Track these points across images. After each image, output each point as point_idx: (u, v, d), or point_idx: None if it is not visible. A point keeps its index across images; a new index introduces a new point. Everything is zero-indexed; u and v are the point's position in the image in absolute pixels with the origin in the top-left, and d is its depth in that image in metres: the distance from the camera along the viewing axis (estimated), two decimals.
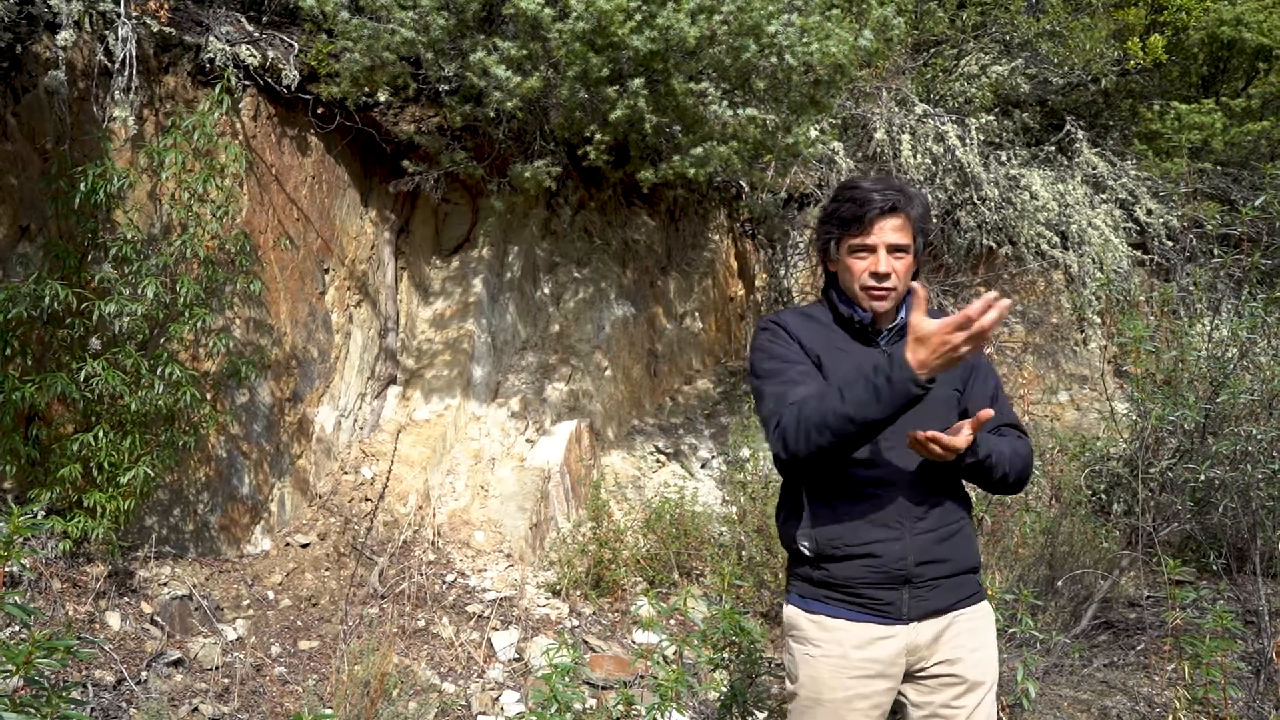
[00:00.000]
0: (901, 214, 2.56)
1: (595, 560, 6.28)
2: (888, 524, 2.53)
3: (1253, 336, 5.84)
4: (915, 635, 2.55)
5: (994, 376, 2.73)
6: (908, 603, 2.54)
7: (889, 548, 2.52)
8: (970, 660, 2.55)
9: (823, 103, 6.47)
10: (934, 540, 2.55)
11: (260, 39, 6.17)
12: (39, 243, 5.18)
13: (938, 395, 2.52)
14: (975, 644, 2.58)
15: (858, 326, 2.64)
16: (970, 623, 2.60)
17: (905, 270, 2.59)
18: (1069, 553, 6.07)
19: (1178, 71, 11.63)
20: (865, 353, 2.61)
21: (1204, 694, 4.00)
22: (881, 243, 2.55)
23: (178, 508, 5.63)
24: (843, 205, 2.59)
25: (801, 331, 2.66)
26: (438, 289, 7.46)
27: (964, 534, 2.62)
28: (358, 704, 4.34)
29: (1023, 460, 2.61)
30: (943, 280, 10.06)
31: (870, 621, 2.55)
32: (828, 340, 2.65)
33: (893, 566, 2.52)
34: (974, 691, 2.54)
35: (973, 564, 2.64)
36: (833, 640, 2.57)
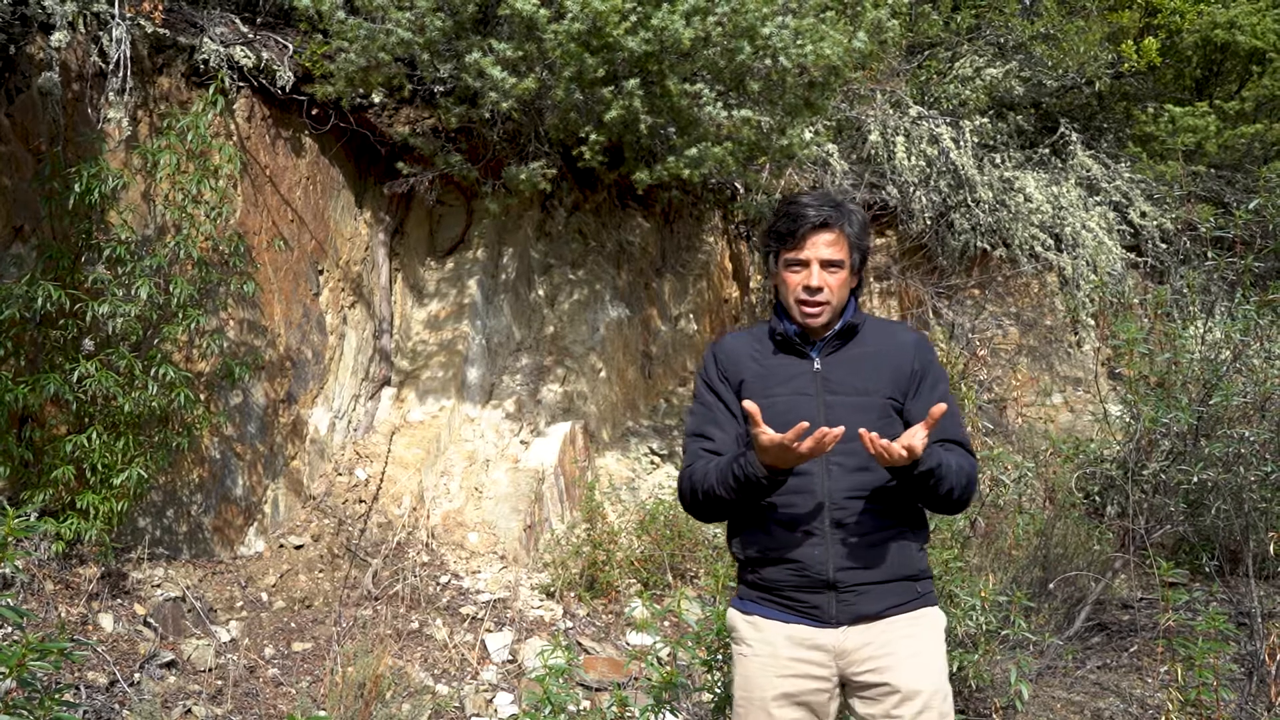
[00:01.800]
0: (835, 229, 2.61)
1: (589, 562, 6.28)
2: (809, 530, 2.57)
3: (1246, 339, 5.86)
4: (844, 639, 2.55)
5: (941, 389, 2.69)
6: (835, 607, 2.55)
7: (809, 553, 2.56)
8: (904, 669, 2.51)
9: (817, 104, 6.48)
10: (859, 547, 2.55)
11: (254, 40, 6.17)
12: (32, 243, 5.17)
13: (864, 403, 2.60)
14: (911, 651, 2.54)
15: (780, 339, 2.70)
16: (907, 629, 2.57)
17: (840, 284, 2.64)
18: (1062, 555, 6.08)
19: (1171, 74, 11.67)
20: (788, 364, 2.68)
21: (1197, 696, 4.01)
22: (814, 257, 2.61)
23: (171, 509, 5.62)
24: (779, 220, 2.67)
25: (735, 356, 2.75)
26: (432, 290, 7.46)
27: (899, 542, 2.60)
28: (351, 706, 4.34)
29: (967, 477, 2.59)
30: (937, 282, 10.08)
31: (799, 623, 2.58)
32: (753, 354, 2.73)
33: (814, 572, 2.55)
34: (910, 701, 2.49)
35: (908, 571, 2.60)
36: (763, 640, 2.62)
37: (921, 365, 2.69)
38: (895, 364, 2.67)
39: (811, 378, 2.65)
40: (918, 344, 2.73)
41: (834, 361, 2.66)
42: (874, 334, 2.73)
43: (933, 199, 9.68)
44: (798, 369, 2.67)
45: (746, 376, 2.69)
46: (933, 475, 2.48)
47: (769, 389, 2.65)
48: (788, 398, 2.62)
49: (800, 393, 2.63)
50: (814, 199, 2.64)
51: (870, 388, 2.62)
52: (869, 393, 2.61)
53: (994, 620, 4.28)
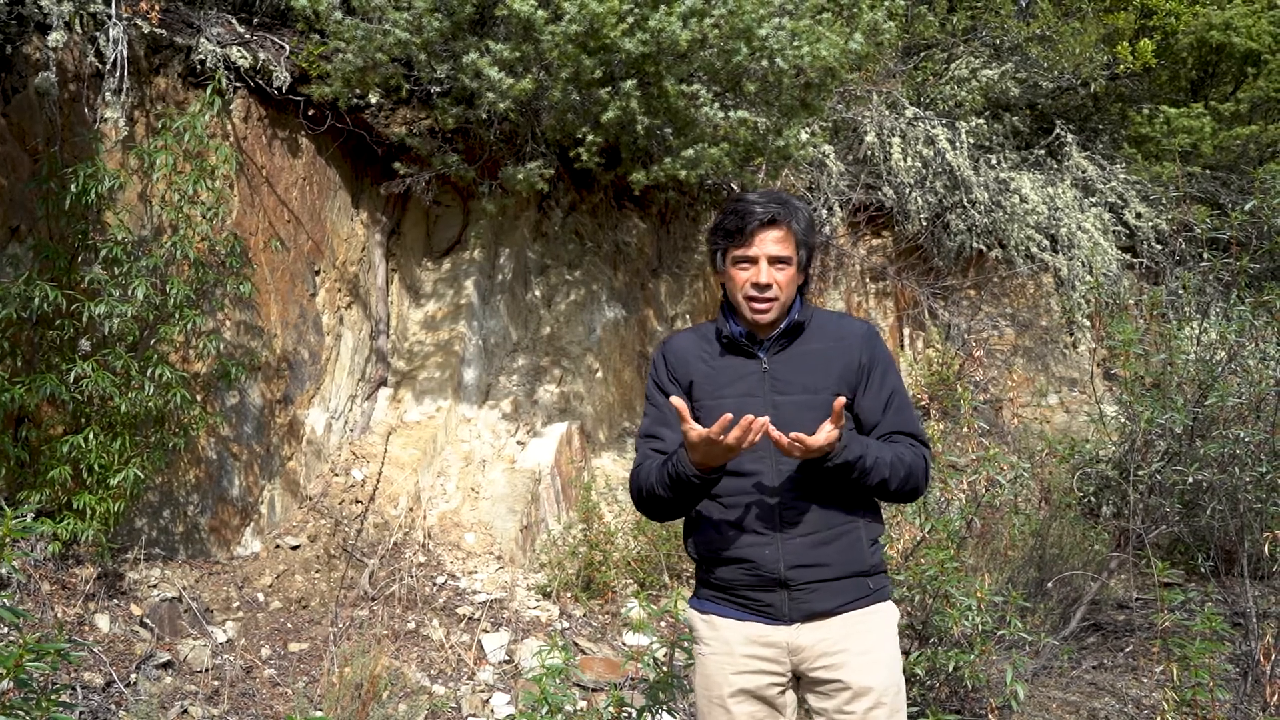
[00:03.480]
0: (782, 226, 2.61)
1: (586, 562, 6.28)
2: (758, 530, 2.59)
3: (1241, 340, 5.87)
4: (797, 636, 2.58)
5: (891, 382, 2.70)
6: (787, 604, 2.58)
7: (760, 552, 2.58)
8: (856, 665, 2.54)
9: (813, 105, 6.49)
10: (809, 545, 2.57)
11: (251, 40, 6.16)
12: (29, 244, 5.17)
13: (812, 400, 2.59)
14: (862, 648, 2.56)
15: (727, 341, 2.71)
16: (859, 626, 2.59)
17: (788, 281, 2.64)
18: (1058, 555, 6.10)
19: (1167, 76, 11.69)
20: (735, 364, 2.69)
21: (1192, 696, 4.02)
22: (762, 254, 2.61)
23: (167, 509, 5.61)
24: (727, 218, 2.66)
25: (683, 356, 2.76)
26: (429, 291, 7.46)
27: (850, 538, 2.61)
28: (348, 706, 4.34)
29: (907, 467, 2.58)
30: (933, 283, 10.09)
31: (754, 620, 2.62)
32: (702, 355, 2.74)
33: (766, 571, 2.58)
34: (862, 698, 2.52)
35: (859, 568, 2.61)
36: (719, 638, 2.65)
37: (869, 358, 2.68)
38: (844, 360, 2.66)
39: (760, 378, 2.66)
40: (865, 336, 2.72)
41: (781, 360, 2.67)
42: (822, 330, 2.72)
43: (928, 200, 9.70)
44: (745, 369, 2.68)
45: (695, 378, 2.71)
46: (851, 468, 2.50)
47: (718, 390, 2.67)
48: (736, 399, 2.63)
49: (749, 394, 2.64)
50: (761, 196, 2.65)
51: (818, 385, 2.62)
52: (817, 390, 2.61)
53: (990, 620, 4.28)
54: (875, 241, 10.39)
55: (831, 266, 9.85)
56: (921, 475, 2.63)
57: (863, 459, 2.50)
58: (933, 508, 4.77)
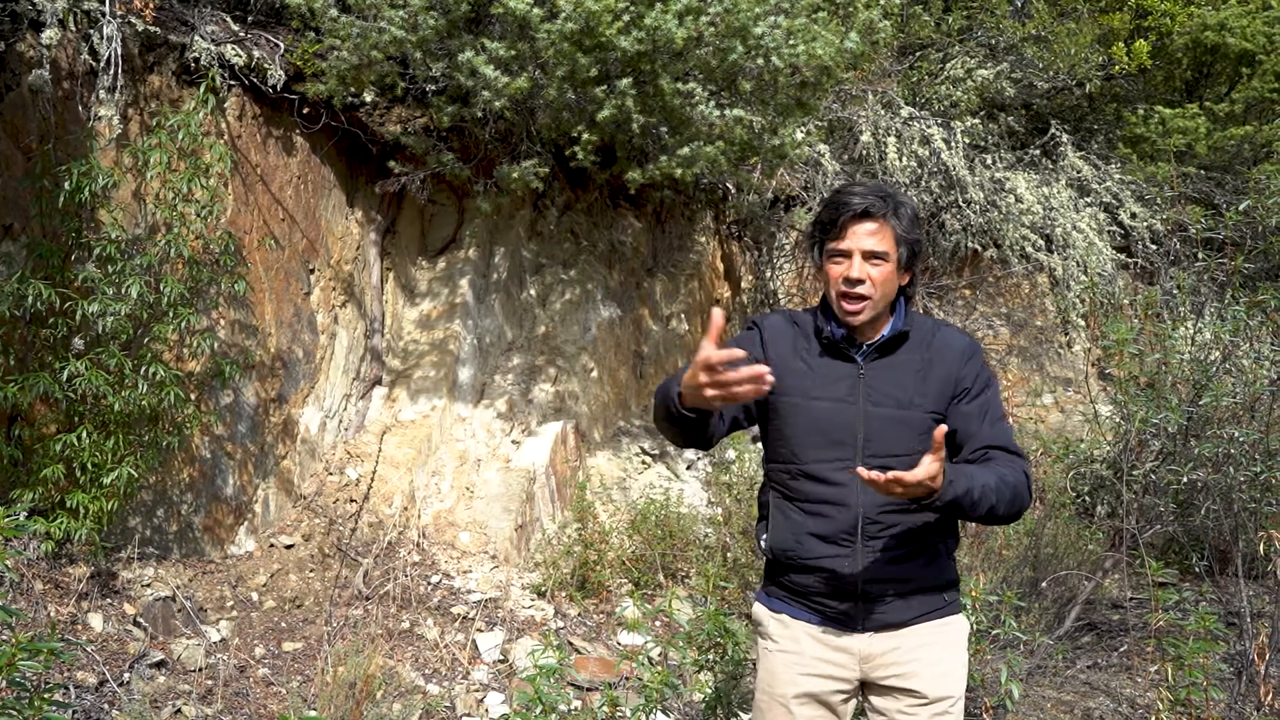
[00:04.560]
0: (878, 219, 2.49)
1: (581, 562, 6.27)
2: (837, 541, 2.52)
3: (1235, 340, 5.88)
4: (870, 645, 2.56)
5: (988, 394, 2.58)
6: (861, 614, 2.55)
7: (838, 563, 2.52)
8: (928, 675, 2.52)
9: (809, 105, 6.49)
10: (888, 560, 2.51)
11: (246, 39, 6.15)
12: (22, 241, 5.15)
13: (905, 416, 2.49)
14: (934, 658, 2.54)
15: (827, 341, 2.59)
16: (933, 637, 2.57)
17: (883, 279, 2.51)
18: (1053, 554, 6.10)
19: (1162, 76, 11.71)
20: (833, 367, 2.56)
21: (1186, 695, 4.02)
22: (856, 248, 2.49)
23: (161, 508, 5.60)
24: (824, 210, 2.56)
25: (776, 337, 2.63)
26: (424, 290, 7.45)
27: (930, 553, 2.56)
28: (342, 706, 4.33)
29: (1011, 489, 2.44)
30: (928, 283, 10.09)
31: (827, 626, 2.58)
32: (799, 350, 2.61)
33: (844, 582, 2.52)
34: (931, 706, 2.51)
35: (936, 582, 2.58)
36: (790, 637, 2.62)
37: (971, 373, 2.56)
38: (942, 374, 2.55)
39: (855, 384, 2.54)
40: (968, 352, 2.59)
41: (879, 368, 2.55)
42: (921, 339, 2.59)
43: (924, 199, 9.70)
44: (841, 373, 2.56)
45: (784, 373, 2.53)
46: (959, 503, 2.35)
47: (812, 390, 2.55)
48: (829, 404, 2.53)
49: (841, 400, 2.53)
50: (861, 188, 2.53)
51: (911, 399, 2.51)
52: (911, 406, 2.51)
53: (985, 620, 4.29)
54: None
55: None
56: (1025, 492, 2.49)
57: (970, 492, 2.35)
58: None
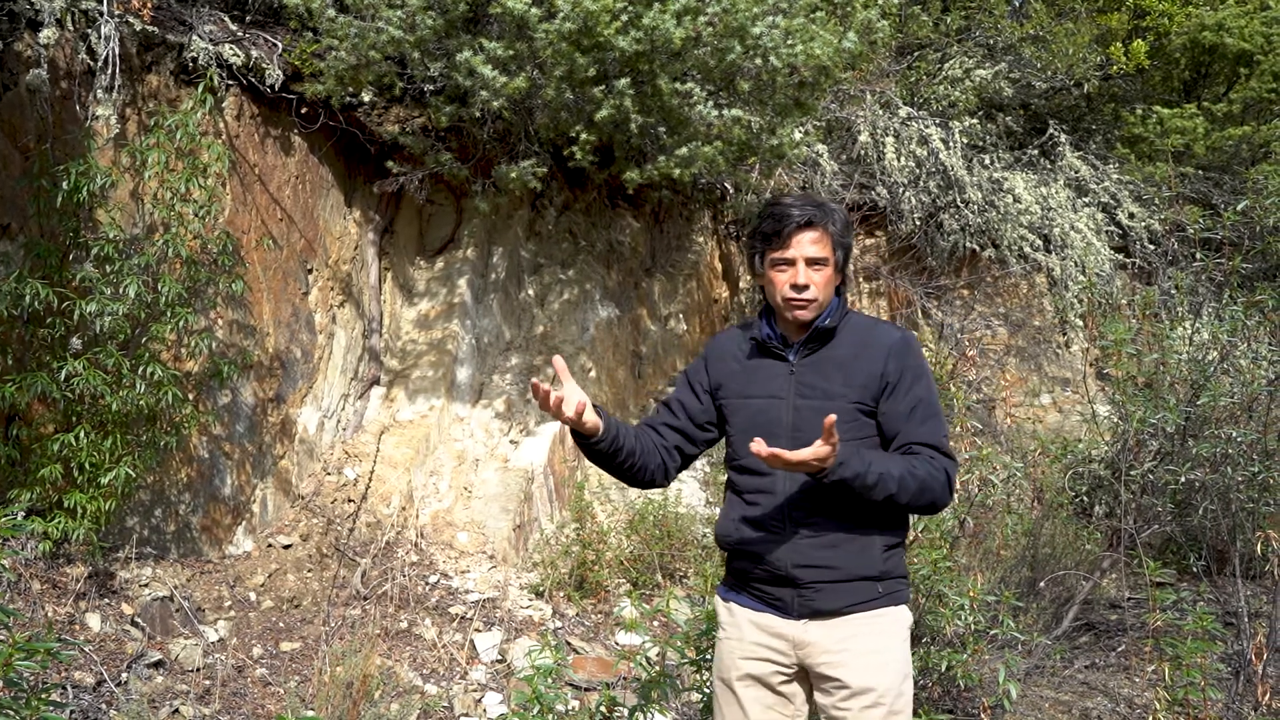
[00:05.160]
0: (818, 228, 2.67)
1: (578, 562, 6.27)
2: (768, 527, 2.68)
3: (1233, 340, 5.88)
4: (804, 632, 2.66)
5: (919, 392, 2.69)
6: (795, 601, 2.67)
7: (768, 549, 2.68)
8: (857, 665, 2.60)
9: (807, 104, 6.49)
10: (817, 546, 2.63)
11: (244, 38, 6.15)
12: (20, 241, 5.15)
13: (830, 407, 2.59)
14: (864, 649, 2.62)
15: (757, 343, 2.81)
16: (864, 627, 2.64)
17: (825, 282, 2.70)
18: (1050, 554, 6.11)
19: (1160, 76, 11.71)
20: (766, 366, 2.77)
21: (1184, 695, 4.03)
22: (800, 256, 2.67)
23: (159, 508, 5.60)
24: (764, 221, 2.74)
25: (723, 353, 2.88)
26: (422, 290, 7.45)
27: (861, 542, 2.64)
28: (340, 705, 4.33)
29: (919, 482, 2.56)
30: (926, 283, 10.10)
31: (767, 612, 2.72)
32: (738, 355, 2.85)
33: (775, 567, 2.67)
34: (860, 696, 2.58)
35: (868, 572, 2.65)
36: (734, 624, 2.79)
37: (896, 367, 2.68)
38: (868, 368, 2.68)
39: (786, 380, 2.73)
40: (896, 345, 2.71)
41: (809, 364, 2.72)
42: (853, 335, 2.74)
43: (922, 199, 9.71)
44: (775, 371, 2.75)
45: (725, 378, 2.82)
46: (851, 485, 2.50)
47: (745, 390, 2.78)
48: (762, 400, 2.74)
49: (774, 395, 2.73)
50: (796, 200, 2.71)
51: (838, 392, 2.66)
52: (835, 397, 2.65)
53: (982, 620, 4.29)
54: (869, 241, 10.41)
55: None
56: (940, 488, 2.61)
57: (861, 476, 2.49)
58: None
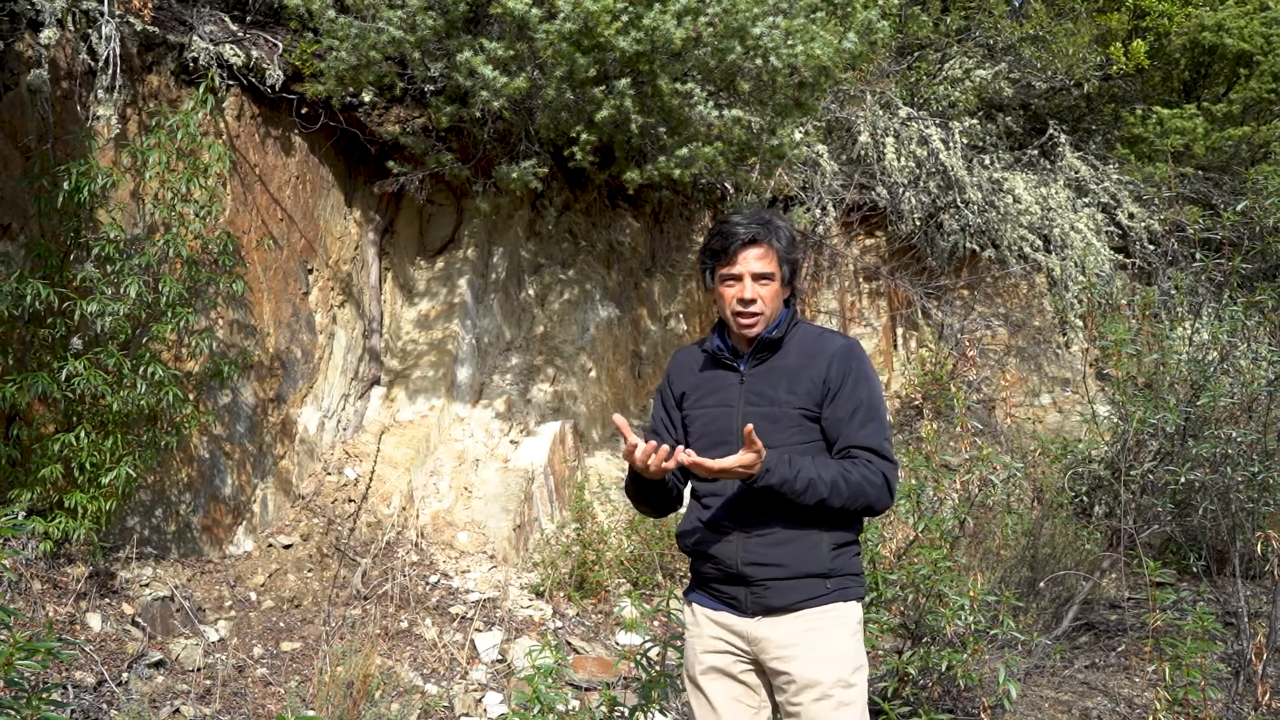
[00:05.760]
0: (764, 244, 2.79)
1: (579, 562, 6.28)
2: (719, 528, 2.82)
3: (1233, 340, 5.89)
4: (756, 629, 2.78)
5: (860, 396, 2.78)
6: (748, 598, 2.78)
7: (722, 549, 2.81)
8: (804, 659, 2.69)
9: (807, 105, 6.49)
10: (766, 544, 2.75)
11: (244, 39, 6.15)
12: (21, 241, 5.15)
13: (775, 413, 2.76)
14: (813, 642, 2.71)
15: (709, 354, 2.93)
16: (814, 623, 2.73)
17: (771, 296, 2.82)
18: (1050, 554, 6.11)
19: (1160, 76, 11.71)
20: (719, 377, 2.90)
21: (1184, 695, 4.03)
22: (746, 271, 2.80)
23: (159, 508, 5.60)
24: (713, 239, 2.86)
25: (680, 368, 3.02)
26: (422, 290, 7.45)
27: (808, 541, 2.74)
28: (340, 705, 4.33)
29: (853, 486, 2.68)
30: (926, 283, 10.10)
31: (723, 610, 2.85)
32: (694, 368, 2.98)
33: (727, 566, 2.79)
34: (809, 690, 2.67)
35: (816, 569, 2.74)
36: (695, 623, 2.92)
37: (839, 372, 2.78)
38: (811, 375, 2.79)
39: (737, 390, 2.85)
40: (839, 353, 2.82)
41: (759, 373, 2.85)
42: (800, 345, 2.86)
43: (922, 200, 9.71)
44: (726, 381, 2.88)
45: (686, 389, 2.96)
46: (779, 491, 2.64)
47: (701, 400, 2.91)
48: (715, 409, 2.87)
49: (725, 404, 2.85)
50: (744, 217, 2.83)
51: (783, 399, 2.78)
52: (781, 404, 2.78)
53: (982, 619, 4.29)
54: (869, 241, 10.41)
55: (825, 266, 9.86)
56: (876, 492, 2.71)
57: (789, 482, 2.63)
58: (926, 507, 4.78)
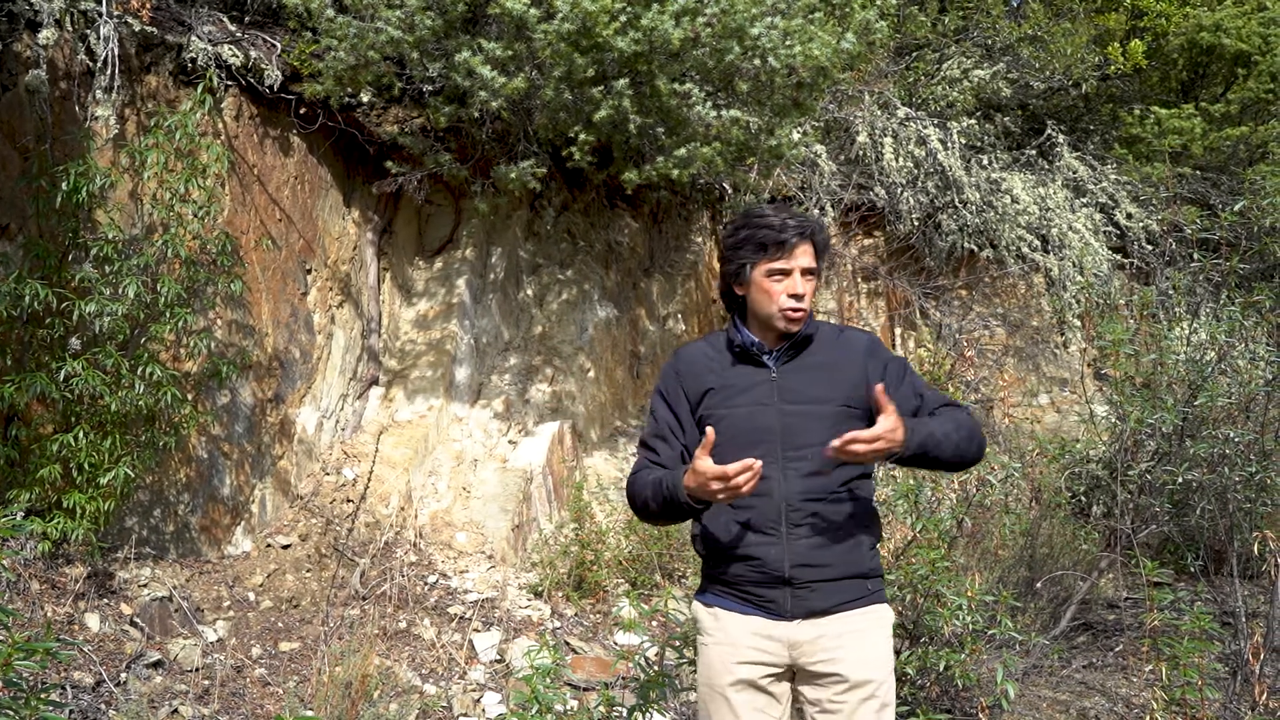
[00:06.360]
0: (811, 240, 2.78)
1: (577, 562, 6.28)
2: (765, 529, 2.72)
3: (1230, 340, 5.90)
4: (797, 632, 2.71)
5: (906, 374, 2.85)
6: (789, 601, 2.71)
7: (766, 551, 2.71)
8: (852, 660, 2.67)
9: (805, 105, 6.50)
10: (812, 546, 2.69)
11: (242, 39, 6.15)
12: (19, 242, 5.15)
13: (820, 411, 2.73)
14: (859, 644, 2.69)
15: (739, 350, 2.84)
16: (857, 624, 2.72)
17: (812, 291, 2.81)
18: (1048, 554, 6.11)
19: (1158, 76, 11.71)
20: (747, 374, 2.81)
21: (1181, 695, 4.04)
22: (797, 266, 2.76)
23: (158, 509, 5.60)
24: (759, 231, 2.78)
25: (695, 366, 2.88)
26: (420, 290, 7.45)
27: (852, 541, 2.74)
28: (338, 705, 4.33)
29: (967, 428, 2.74)
30: (924, 283, 10.10)
31: (757, 615, 2.75)
32: (713, 367, 2.86)
33: (771, 569, 2.71)
34: (857, 689, 2.66)
35: (859, 570, 2.74)
36: (723, 629, 2.79)
37: (878, 364, 2.81)
38: (852, 374, 2.79)
39: (770, 387, 2.78)
40: (868, 347, 2.86)
41: (790, 370, 2.80)
42: (826, 342, 2.85)
43: (920, 200, 9.71)
44: (756, 379, 2.80)
45: (710, 387, 2.82)
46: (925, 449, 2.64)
47: (730, 399, 2.79)
48: (748, 408, 2.77)
49: (759, 403, 2.77)
50: (786, 213, 2.80)
51: (826, 396, 2.75)
52: (824, 401, 2.74)
53: (980, 620, 4.30)
54: (867, 241, 10.41)
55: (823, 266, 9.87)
56: (979, 432, 2.78)
57: (932, 435, 2.65)
58: (924, 507, 4.78)
